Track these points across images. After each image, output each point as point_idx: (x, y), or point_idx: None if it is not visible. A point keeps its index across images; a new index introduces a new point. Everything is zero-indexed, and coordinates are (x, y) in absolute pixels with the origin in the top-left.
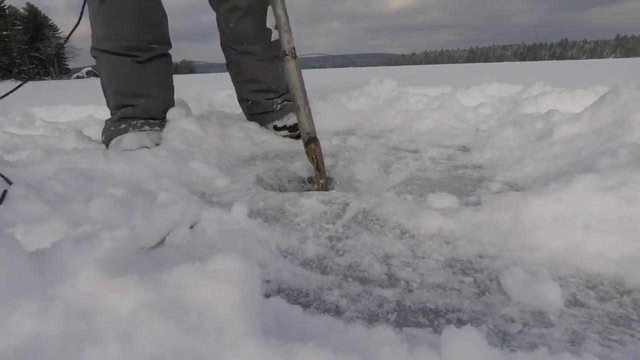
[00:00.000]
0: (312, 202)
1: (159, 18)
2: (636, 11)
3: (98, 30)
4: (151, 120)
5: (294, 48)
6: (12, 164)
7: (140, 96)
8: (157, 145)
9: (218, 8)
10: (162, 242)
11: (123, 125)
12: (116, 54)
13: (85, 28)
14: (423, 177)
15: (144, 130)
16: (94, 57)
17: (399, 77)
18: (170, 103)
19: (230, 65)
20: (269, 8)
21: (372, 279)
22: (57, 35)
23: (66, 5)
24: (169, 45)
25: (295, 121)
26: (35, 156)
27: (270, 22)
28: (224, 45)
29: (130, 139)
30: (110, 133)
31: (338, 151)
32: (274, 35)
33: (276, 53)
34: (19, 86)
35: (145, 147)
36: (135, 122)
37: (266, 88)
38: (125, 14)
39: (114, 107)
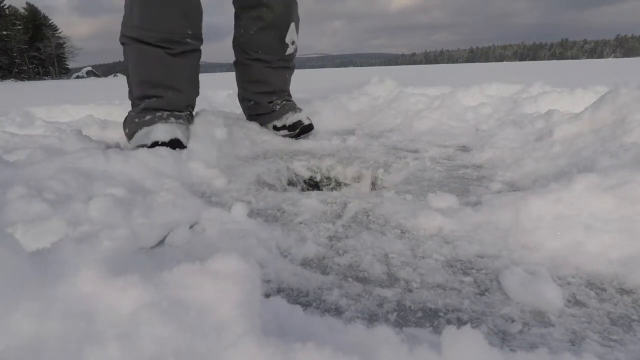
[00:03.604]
0: (312, 201)
1: (196, 12)
2: (636, 11)
3: (132, 17)
4: (176, 113)
5: None
6: (12, 164)
7: (169, 88)
8: (188, 139)
9: (242, 12)
10: (162, 242)
11: (148, 117)
12: (148, 44)
13: (85, 28)
14: (423, 177)
15: (171, 122)
16: (123, 43)
17: (400, 77)
18: (194, 99)
19: (239, 66)
20: (292, 25)
21: (372, 279)
22: (57, 35)
23: (68, 5)
24: (201, 41)
25: (295, 120)
26: (35, 156)
27: (289, 37)
28: (238, 47)
29: (161, 129)
30: (135, 125)
31: (338, 151)
32: (289, 50)
33: (287, 64)
34: None
35: (177, 138)
36: (160, 114)
37: (271, 91)
38: (164, 5)
39: (137, 97)
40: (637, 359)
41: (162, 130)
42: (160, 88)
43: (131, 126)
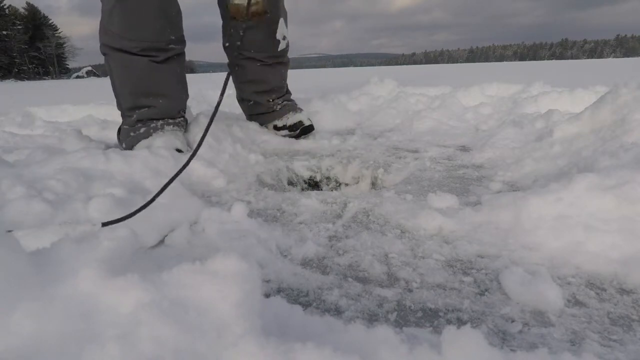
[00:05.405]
0: (311, 202)
1: (176, 15)
2: (636, 11)
3: (113, 27)
4: (170, 120)
5: None
6: (12, 164)
7: (159, 96)
8: (185, 145)
9: (228, 13)
10: (162, 242)
11: (143, 129)
12: (132, 54)
13: (85, 28)
14: (423, 176)
15: (167, 132)
16: (105, 54)
17: (400, 77)
18: (184, 102)
19: (233, 67)
20: (281, 20)
21: (372, 279)
22: (57, 34)
23: (68, 5)
24: (184, 43)
25: (296, 120)
26: (35, 156)
27: (279, 33)
28: (229, 48)
29: (160, 142)
30: (131, 139)
31: (338, 151)
32: (281, 45)
33: (281, 60)
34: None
35: (178, 148)
36: (154, 125)
37: (268, 89)
38: (146, 14)
39: (128, 109)
40: (637, 359)
41: (162, 143)
42: (151, 97)
43: (127, 140)
